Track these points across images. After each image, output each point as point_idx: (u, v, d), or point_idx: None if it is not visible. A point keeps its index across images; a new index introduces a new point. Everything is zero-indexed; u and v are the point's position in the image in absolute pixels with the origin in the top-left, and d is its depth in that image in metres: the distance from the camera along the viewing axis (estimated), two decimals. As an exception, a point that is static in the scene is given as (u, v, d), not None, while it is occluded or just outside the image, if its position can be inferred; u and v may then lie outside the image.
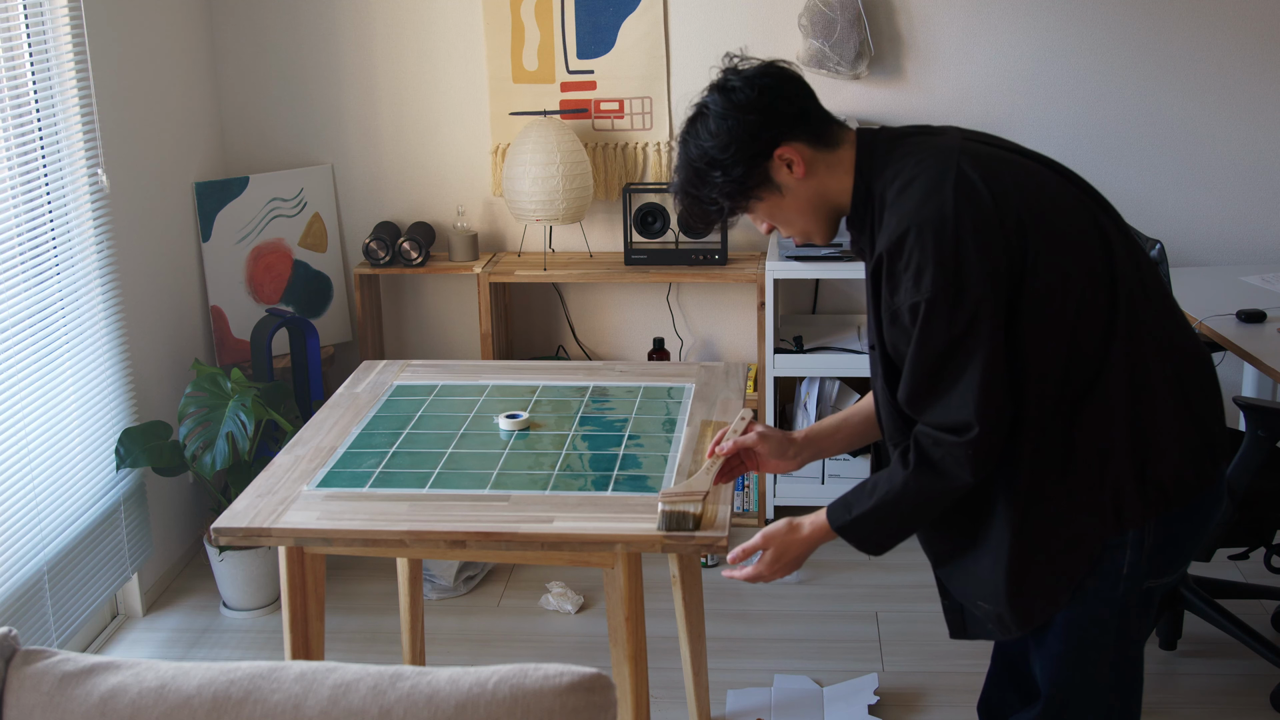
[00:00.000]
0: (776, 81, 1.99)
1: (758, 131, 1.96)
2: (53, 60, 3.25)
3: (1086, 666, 2.05)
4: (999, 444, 1.91)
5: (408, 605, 3.05)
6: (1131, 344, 1.92)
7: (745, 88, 1.97)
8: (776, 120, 1.97)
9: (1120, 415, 1.91)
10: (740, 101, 1.97)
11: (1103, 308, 1.91)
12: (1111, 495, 1.94)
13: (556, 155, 3.86)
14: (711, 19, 4.03)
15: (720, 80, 2.01)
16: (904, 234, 1.87)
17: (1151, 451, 1.93)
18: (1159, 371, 1.94)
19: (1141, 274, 1.99)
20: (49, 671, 1.66)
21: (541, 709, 1.56)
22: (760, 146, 1.97)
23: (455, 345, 4.38)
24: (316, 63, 4.18)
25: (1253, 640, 3.18)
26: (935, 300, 1.83)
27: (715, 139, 1.98)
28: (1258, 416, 2.86)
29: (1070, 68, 3.97)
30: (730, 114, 1.97)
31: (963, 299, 1.83)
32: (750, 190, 2.01)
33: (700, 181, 2.01)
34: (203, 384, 3.54)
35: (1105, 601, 2.00)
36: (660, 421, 2.68)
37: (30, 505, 3.15)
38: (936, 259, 1.83)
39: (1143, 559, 1.98)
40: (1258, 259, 4.02)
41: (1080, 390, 1.92)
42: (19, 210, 3.14)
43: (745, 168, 1.98)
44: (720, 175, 1.99)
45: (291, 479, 2.46)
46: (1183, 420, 1.95)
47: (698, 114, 2.02)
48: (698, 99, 2.04)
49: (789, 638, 3.49)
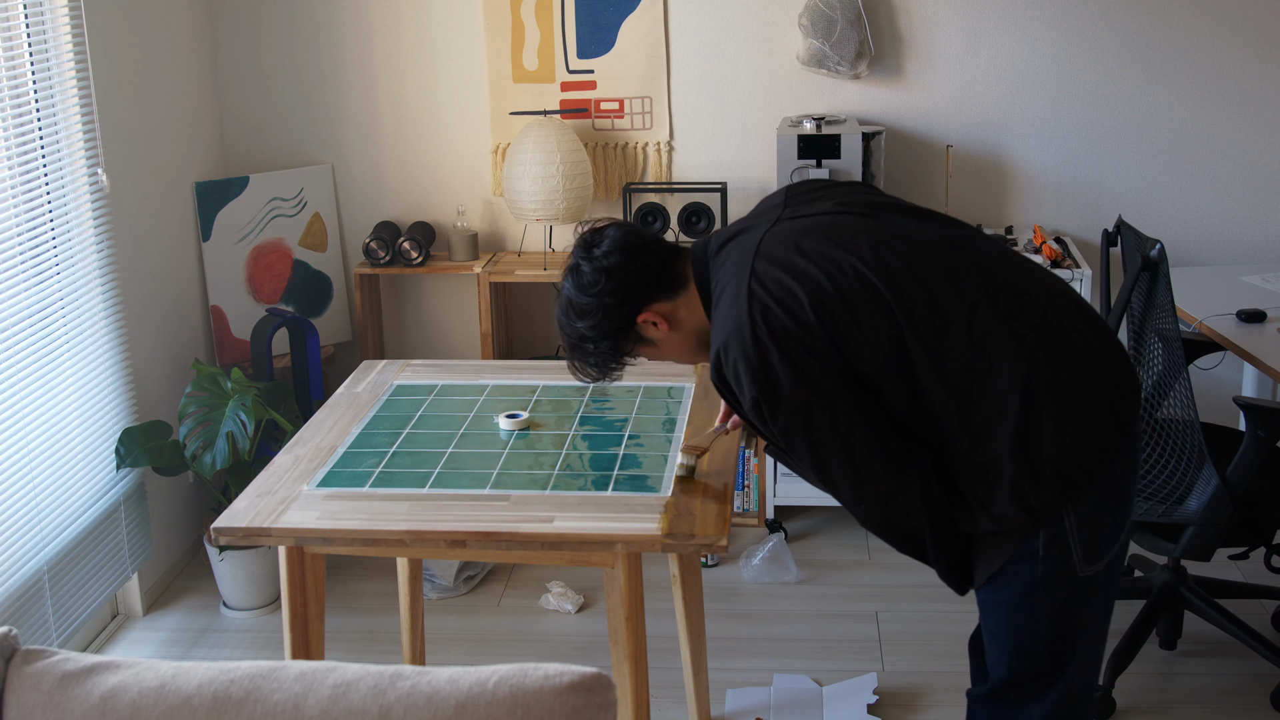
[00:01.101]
0: (622, 258, 2.13)
1: (615, 309, 2.13)
2: (53, 60, 3.25)
3: (1021, 648, 2.14)
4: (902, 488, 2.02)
5: (408, 605, 3.05)
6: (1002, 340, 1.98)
7: (592, 272, 2.13)
8: (630, 295, 2.13)
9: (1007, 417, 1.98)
10: (596, 290, 2.13)
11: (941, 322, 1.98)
12: (1014, 494, 2.00)
13: (556, 155, 3.86)
14: (711, 19, 4.03)
15: (571, 263, 2.18)
16: (717, 354, 2.03)
17: (1042, 438, 1.98)
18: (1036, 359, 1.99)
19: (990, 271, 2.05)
20: (49, 671, 1.66)
21: (541, 709, 1.56)
22: (621, 320, 2.15)
23: (455, 345, 4.38)
24: (316, 63, 4.18)
25: (1253, 640, 3.17)
26: (758, 399, 1.98)
27: (582, 320, 2.15)
28: (1258, 416, 2.86)
29: (1070, 68, 3.97)
30: (586, 298, 2.13)
31: (778, 394, 1.97)
32: (625, 352, 2.20)
33: (580, 354, 2.20)
34: (203, 384, 3.54)
35: (1026, 584, 2.08)
36: (660, 421, 2.68)
37: (30, 505, 3.15)
38: (746, 367, 1.97)
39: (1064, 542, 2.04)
40: (1258, 259, 4.02)
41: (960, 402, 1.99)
42: (19, 210, 3.14)
43: (613, 340, 2.16)
44: (593, 348, 2.17)
45: (291, 479, 2.46)
46: (1070, 402, 1.99)
47: (565, 300, 2.18)
48: (559, 283, 2.20)
49: (789, 637, 3.49)
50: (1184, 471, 2.94)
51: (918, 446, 2.03)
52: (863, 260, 2.00)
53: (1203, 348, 3.33)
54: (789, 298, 1.97)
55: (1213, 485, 2.88)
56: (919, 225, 2.11)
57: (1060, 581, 2.07)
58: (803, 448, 2.01)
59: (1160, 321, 2.94)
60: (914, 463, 2.02)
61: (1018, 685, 2.18)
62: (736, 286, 2.03)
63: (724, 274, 2.09)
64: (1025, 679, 2.17)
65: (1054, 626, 2.11)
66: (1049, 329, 2.02)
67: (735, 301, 2.01)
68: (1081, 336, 2.04)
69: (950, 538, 2.10)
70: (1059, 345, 2.01)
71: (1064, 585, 2.08)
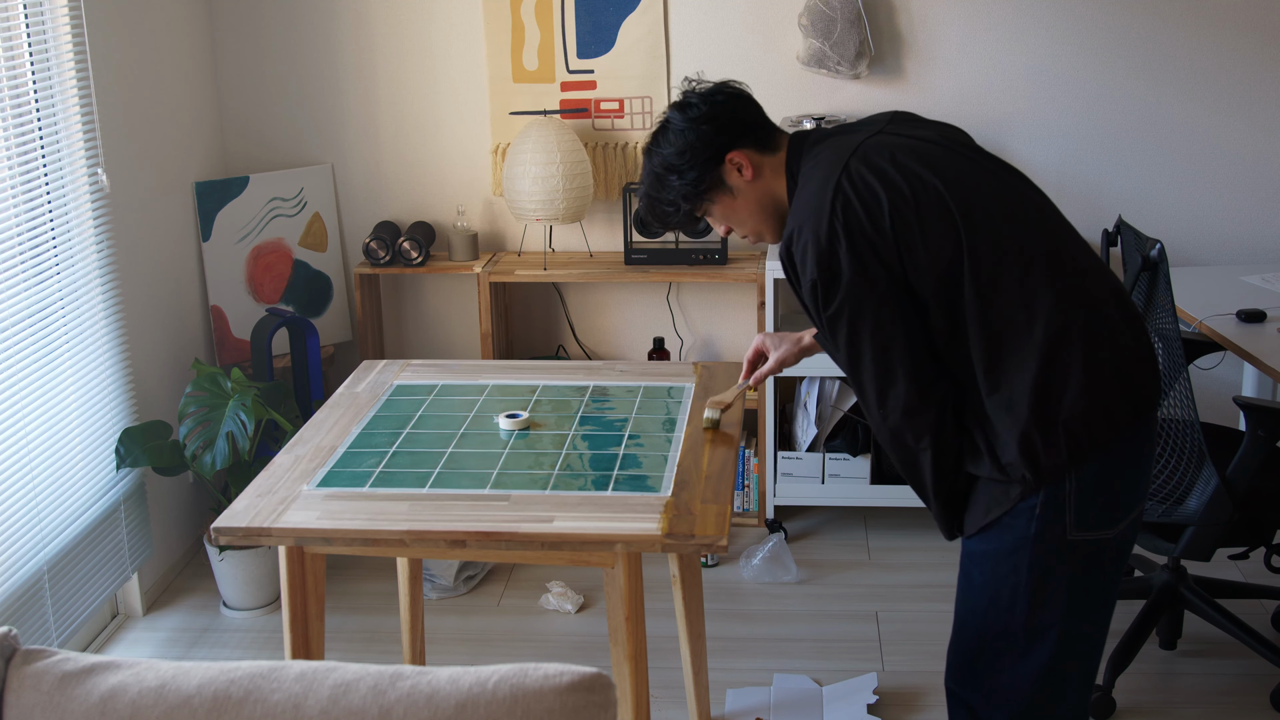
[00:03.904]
0: (727, 98, 2.25)
1: (710, 139, 2.21)
2: (53, 60, 3.25)
3: (999, 602, 2.18)
4: (921, 408, 2.10)
5: (408, 605, 3.05)
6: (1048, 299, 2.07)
7: (699, 103, 2.23)
8: (726, 129, 2.22)
9: (1030, 370, 2.06)
10: (695, 115, 2.22)
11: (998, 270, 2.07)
12: (1024, 446, 2.07)
13: (556, 155, 3.86)
14: (711, 19, 4.03)
15: (679, 99, 2.27)
16: (790, 234, 2.13)
17: (1062, 400, 2.06)
18: (1071, 325, 2.07)
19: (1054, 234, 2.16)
20: (49, 671, 1.66)
21: (541, 709, 1.56)
22: (713, 153, 2.21)
23: (455, 345, 4.38)
24: (316, 63, 4.18)
25: (1253, 640, 3.18)
26: (817, 282, 2.08)
27: (674, 147, 2.23)
28: (1258, 416, 2.86)
29: (1070, 68, 3.97)
30: (687, 126, 2.22)
31: (836, 283, 2.07)
32: (705, 193, 2.24)
33: (661, 186, 2.26)
34: (203, 384, 3.54)
35: (1018, 538, 2.13)
36: (660, 421, 2.68)
37: (30, 505, 3.15)
38: (814, 250, 2.07)
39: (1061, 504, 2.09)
40: (1258, 259, 4.02)
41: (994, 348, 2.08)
42: (19, 210, 3.14)
43: (699, 172, 2.22)
44: (677, 179, 2.23)
45: (291, 479, 2.46)
46: (1092, 371, 2.07)
47: (660, 128, 2.27)
48: (661, 116, 2.29)
49: (789, 637, 3.49)
50: (1184, 471, 2.94)
51: (946, 375, 2.12)
52: (947, 187, 2.09)
53: (1203, 348, 3.33)
54: (872, 200, 2.06)
55: (1213, 485, 2.88)
56: (1003, 175, 2.19)
57: (1051, 540, 2.12)
58: (843, 339, 2.11)
59: (1160, 321, 2.94)
60: (940, 384, 2.11)
61: (990, 649, 2.21)
62: (826, 176, 2.11)
63: (817, 164, 2.16)
64: (996, 637, 2.20)
65: (1034, 585, 2.14)
66: (1088, 300, 2.11)
67: (822, 189, 2.10)
68: (1115, 316, 2.13)
69: (951, 473, 2.17)
70: (1093, 317, 2.10)
71: (1053, 545, 2.12)
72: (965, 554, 2.24)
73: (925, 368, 2.10)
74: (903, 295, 2.08)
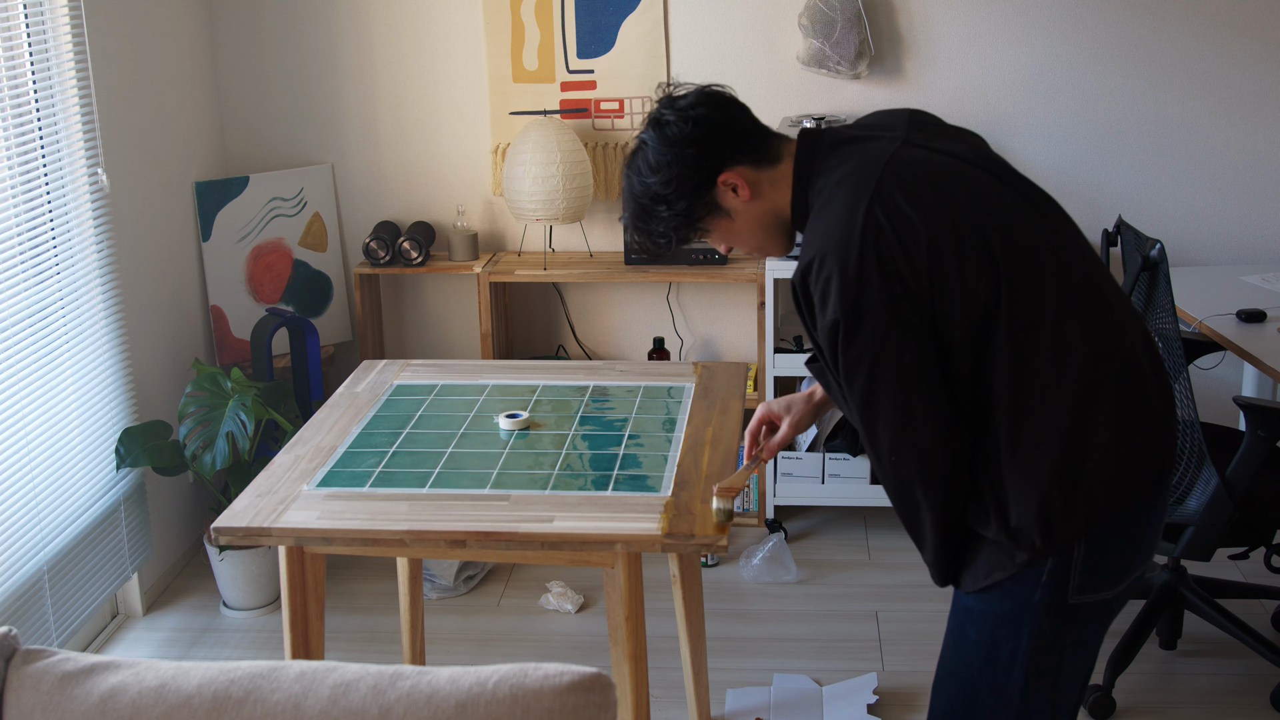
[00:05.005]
0: (710, 110, 2.01)
1: (698, 164, 1.98)
2: (53, 60, 3.25)
3: (996, 663, 2.02)
4: (937, 459, 1.91)
5: (408, 605, 3.05)
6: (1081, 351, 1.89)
7: (679, 121, 1.99)
8: (715, 149, 1.99)
9: (1058, 426, 1.88)
10: (675, 136, 1.98)
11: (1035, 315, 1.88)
12: (1040, 511, 1.90)
13: (556, 155, 3.86)
14: (711, 19, 4.03)
15: (655, 115, 2.02)
16: (810, 263, 1.89)
17: (1086, 463, 1.89)
18: (1104, 380, 1.91)
19: (1090, 277, 1.96)
20: (49, 671, 1.66)
21: (541, 709, 1.56)
22: (702, 177, 1.99)
23: (455, 345, 4.38)
24: (316, 63, 4.18)
25: (1253, 640, 3.18)
26: (839, 322, 1.85)
27: (657, 174, 1.99)
28: (1258, 416, 2.86)
29: (1070, 68, 3.97)
30: (668, 150, 1.98)
31: (862, 324, 1.85)
32: (697, 221, 2.03)
33: (648, 217, 2.03)
34: (203, 384, 3.54)
35: (1022, 604, 1.97)
36: (660, 421, 2.68)
37: (30, 505, 3.15)
38: (840, 286, 1.84)
39: (1067, 569, 1.94)
40: (1258, 259, 4.02)
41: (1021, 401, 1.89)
42: (19, 210, 3.14)
43: (689, 201, 2.00)
44: (666, 210, 2.01)
45: (291, 478, 2.46)
46: (1120, 431, 1.91)
47: (637, 150, 2.03)
48: (637, 135, 2.05)
49: (789, 637, 3.49)
50: (1184, 471, 2.94)
51: (964, 425, 1.93)
52: (989, 220, 1.89)
53: (1203, 348, 3.33)
54: (909, 232, 1.84)
55: (1213, 485, 2.88)
56: (1044, 208, 1.99)
57: (1054, 606, 1.96)
58: (861, 384, 1.88)
59: (1160, 321, 2.94)
60: (959, 436, 1.91)
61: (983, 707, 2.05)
62: (854, 198, 1.88)
63: (839, 177, 1.94)
64: (990, 694, 2.03)
65: (1035, 652, 1.99)
66: (1121, 352, 1.94)
67: (850, 215, 1.86)
68: (1144, 366, 1.96)
69: (956, 528, 1.98)
70: (1125, 370, 1.93)
71: (1056, 611, 1.97)
72: (961, 609, 2.07)
73: (947, 417, 1.89)
74: (930, 339, 1.86)
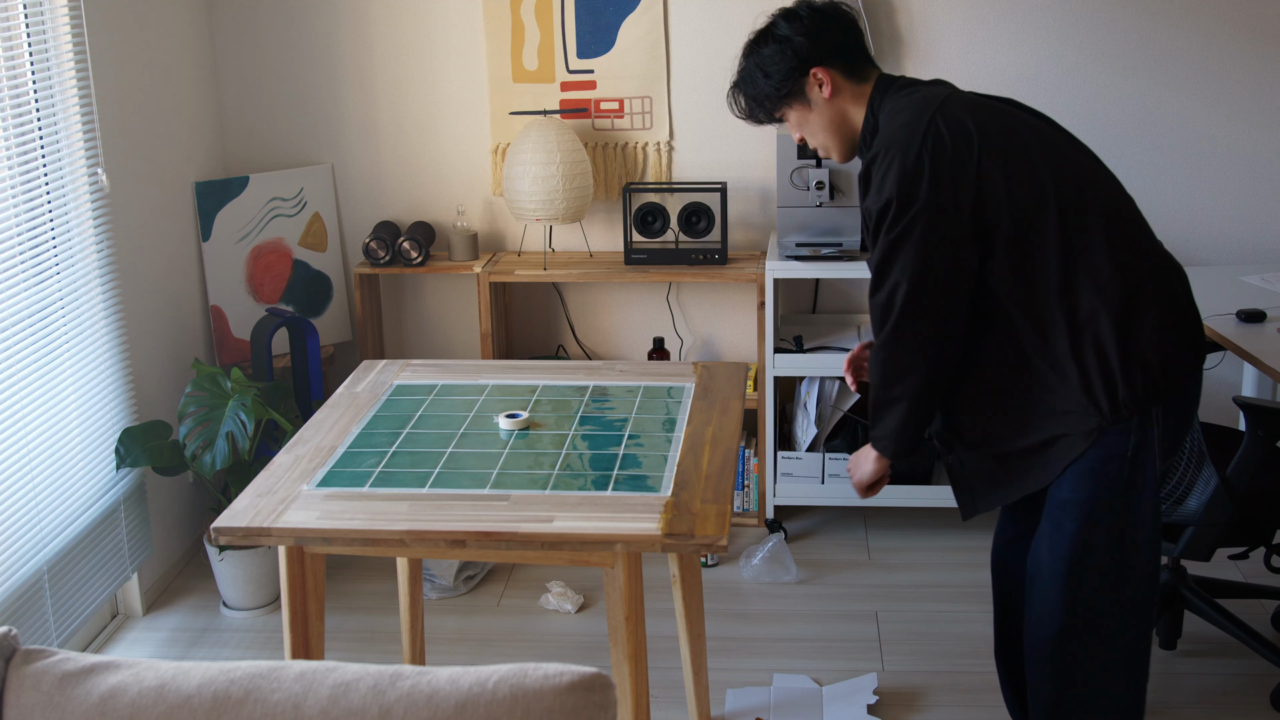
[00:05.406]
0: (831, 16, 2.44)
1: (802, 50, 2.40)
2: (53, 60, 3.25)
3: (1095, 546, 2.34)
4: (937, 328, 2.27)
5: (408, 605, 3.05)
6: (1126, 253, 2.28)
7: (805, 16, 2.43)
8: (820, 45, 2.41)
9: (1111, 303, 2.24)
10: (796, 26, 2.41)
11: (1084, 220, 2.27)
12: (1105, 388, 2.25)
13: (556, 155, 3.86)
14: (711, 19, 4.03)
15: (790, 7, 2.47)
16: (876, 153, 2.31)
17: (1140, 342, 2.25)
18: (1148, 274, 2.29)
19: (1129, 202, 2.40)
20: (49, 671, 1.66)
21: (541, 709, 1.56)
22: (800, 63, 2.40)
23: (455, 345, 4.38)
24: (316, 63, 4.18)
25: (1253, 640, 3.18)
26: (892, 201, 2.24)
27: (769, 49, 2.43)
28: (1258, 416, 2.86)
29: (1070, 68, 3.97)
30: (788, 33, 2.41)
31: (909, 208, 2.23)
32: (784, 98, 2.43)
33: (749, 81, 2.47)
34: (203, 384, 3.54)
35: (1113, 484, 2.30)
36: (660, 421, 2.68)
37: (30, 505, 3.15)
38: (899, 172, 2.24)
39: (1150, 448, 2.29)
40: (1258, 259, 4.02)
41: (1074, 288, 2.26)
42: (19, 210, 3.14)
43: (783, 77, 2.41)
44: (764, 79, 2.43)
45: (291, 478, 2.46)
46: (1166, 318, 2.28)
47: (765, 30, 2.46)
48: (770, 16, 2.48)
49: (788, 637, 3.49)
50: (1184, 471, 2.94)
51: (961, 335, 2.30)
52: (1034, 136, 2.30)
53: (1203, 348, 3.33)
54: (963, 136, 2.25)
55: (1213, 485, 2.89)
56: (1080, 145, 2.40)
57: (1141, 487, 2.30)
58: (895, 262, 2.25)
59: (1160, 321, 2.94)
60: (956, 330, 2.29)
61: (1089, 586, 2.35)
62: (919, 112, 2.28)
63: (906, 104, 2.33)
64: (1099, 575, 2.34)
65: (1121, 540, 2.33)
66: (1157, 255, 2.35)
67: (915, 121, 2.27)
68: (1173, 270, 2.36)
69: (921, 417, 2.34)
70: (1163, 269, 2.32)
71: (1144, 492, 2.31)
72: (1056, 504, 2.36)
73: (959, 307, 2.26)
74: (969, 237, 2.23)
